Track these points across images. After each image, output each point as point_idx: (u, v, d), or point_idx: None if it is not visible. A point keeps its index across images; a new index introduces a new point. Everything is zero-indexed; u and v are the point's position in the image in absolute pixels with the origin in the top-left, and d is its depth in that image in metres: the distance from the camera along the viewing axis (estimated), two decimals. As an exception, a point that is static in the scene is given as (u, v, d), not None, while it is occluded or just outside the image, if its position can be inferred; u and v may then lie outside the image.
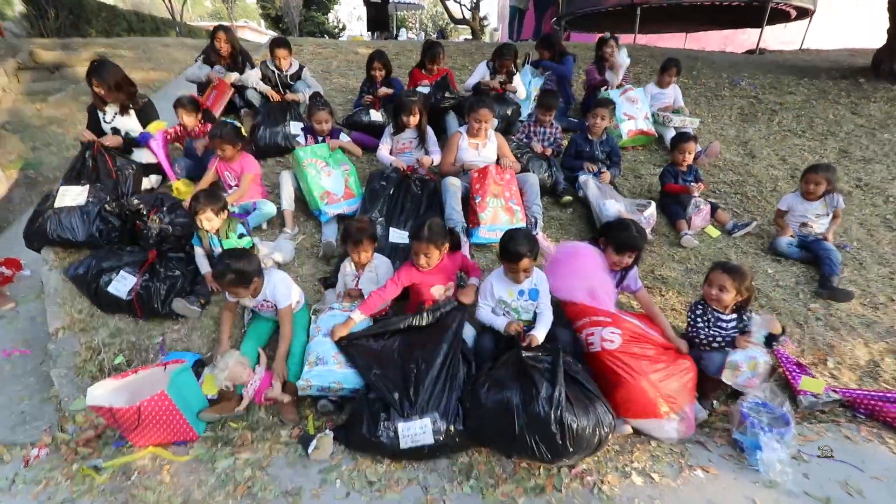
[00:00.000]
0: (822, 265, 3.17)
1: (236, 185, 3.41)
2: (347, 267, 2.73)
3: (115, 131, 3.60)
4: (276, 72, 4.50)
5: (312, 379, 2.27)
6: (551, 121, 4.14)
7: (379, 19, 9.27)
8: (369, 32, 9.90)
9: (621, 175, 4.33)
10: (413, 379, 2.10)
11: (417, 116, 3.52)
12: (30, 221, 3.08)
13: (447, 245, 2.54)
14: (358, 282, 2.68)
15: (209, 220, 2.71)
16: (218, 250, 2.75)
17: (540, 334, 2.29)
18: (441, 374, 2.13)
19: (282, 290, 2.55)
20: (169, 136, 3.72)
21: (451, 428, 2.01)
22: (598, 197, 3.54)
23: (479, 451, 2.12)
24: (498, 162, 3.53)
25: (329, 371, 2.28)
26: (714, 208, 3.73)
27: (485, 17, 30.04)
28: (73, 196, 3.12)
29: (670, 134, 4.58)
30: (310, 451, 2.12)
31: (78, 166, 3.35)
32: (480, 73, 4.69)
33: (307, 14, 21.55)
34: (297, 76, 4.56)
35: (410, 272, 2.51)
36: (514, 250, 2.29)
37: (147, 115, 3.71)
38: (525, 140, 4.11)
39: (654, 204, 3.49)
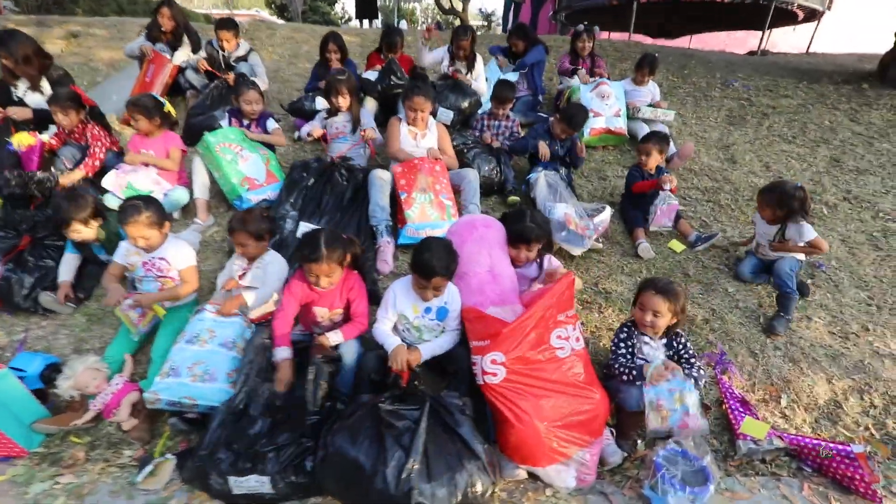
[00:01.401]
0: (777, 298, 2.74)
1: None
2: (237, 258, 2.42)
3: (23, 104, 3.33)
4: (221, 52, 4.20)
5: (161, 392, 1.95)
6: (507, 113, 3.79)
7: (367, 6, 8.93)
8: (358, 20, 9.58)
9: (584, 176, 3.98)
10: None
11: (347, 98, 3.20)
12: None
13: (348, 256, 2.12)
14: (244, 276, 2.36)
15: (78, 233, 2.41)
16: (104, 257, 2.49)
17: (425, 351, 1.99)
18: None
19: (184, 251, 2.33)
20: (45, 149, 3.18)
21: (294, 479, 1.68)
22: (547, 198, 3.18)
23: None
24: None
25: (181, 384, 1.96)
26: (677, 217, 3.35)
27: (492, 14, 29.64)
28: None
29: (643, 130, 4.20)
30: (139, 477, 1.81)
31: (-26, 141, 3.10)
32: (438, 54, 4.34)
33: (313, 3, 21.30)
34: (244, 59, 4.26)
35: (303, 288, 2.13)
36: (428, 265, 1.91)
37: (63, 87, 3.43)
38: (477, 134, 3.76)
39: (608, 209, 3.12)
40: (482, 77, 4.35)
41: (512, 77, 4.58)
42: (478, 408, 1.86)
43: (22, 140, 3.09)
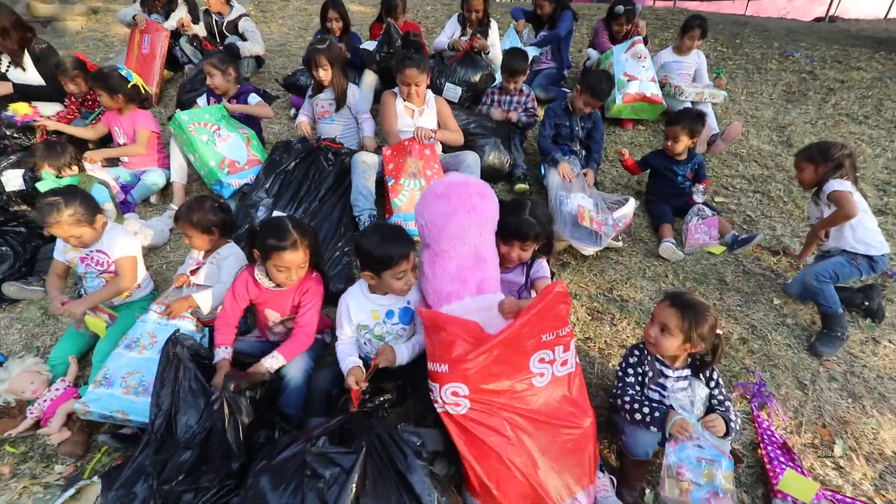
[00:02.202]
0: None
1: (123, 145, 2.90)
2: (194, 251, 2.15)
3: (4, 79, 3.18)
4: (214, 19, 3.94)
5: (91, 404, 1.72)
6: (521, 87, 3.33)
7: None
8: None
9: (608, 160, 3.48)
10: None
11: (328, 70, 2.83)
12: None
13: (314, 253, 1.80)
14: (197, 271, 2.09)
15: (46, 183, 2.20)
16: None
17: (404, 352, 1.69)
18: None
19: (119, 240, 2.06)
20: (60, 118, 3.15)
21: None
22: (560, 187, 2.75)
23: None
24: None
25: (112, 396, 1.73)
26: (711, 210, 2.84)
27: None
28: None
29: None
30: (57, 502, 1.60)
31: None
32: (451, 28, 3.91)
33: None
34: (234, 26, 3.97)
35: (250, 288, 1.83)
36: (383, 254, 1.58)
37: (46, 63, 3.25)
38: (485, 111, 3.34)
39: (632, 202, 2.65)
40: (497, 46, 3.89)
41: (532, 52, 4.08)
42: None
43: (18, 109, 2.98)
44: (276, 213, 2.52)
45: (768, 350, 2.17)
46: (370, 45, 3.63)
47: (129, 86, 2.74)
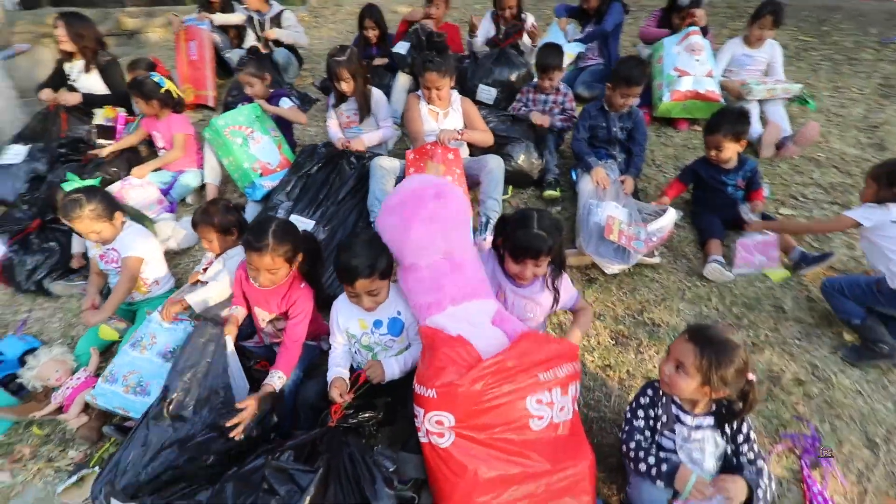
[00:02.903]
0: None
1: (164, 148, 3.07)
2: (208, 252, 2.21)
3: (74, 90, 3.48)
4: (256, 18, 4.08)
5: (98, 398, 1.81)
6: (556, 85, 3.11)
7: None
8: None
9: (654, 165, 3.17)
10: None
11: (351, 82, 2.78)
12: (-21, 176, 3.09)
13: (300, 256, 1.79)
14: (207, 270, 2.14)
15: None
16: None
17: (392, 367, 1.62)
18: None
19: (130, 239, 2.16)
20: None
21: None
22: (592, 195, 2.51)
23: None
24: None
25: (114, 394, 1.79)
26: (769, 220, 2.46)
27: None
28: (12, 155, 3.06)
29: (753, 111, 3.21)
30: (60, 487, 1.69)
31: (32, 125, 3.30)
32: (485, 27, 3.75)
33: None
34: (278, 20, 4.07)
35: (242, 279, 1.86)
36: (346, 266, 1.52)
37: (110, 75, 3.53)
38: (522, 111, 3.15)
39: (672, 212, 2.36)
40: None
41: (575, 49, 3.82)
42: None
43: (106, 113, 3.35)
44: (294, 217, 2.53)
45: (831, 396, 1.82)
46: (403, 48, 3.57)
47: (162, 91, 2.88)
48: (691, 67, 3.19)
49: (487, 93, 3.49)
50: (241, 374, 1.73)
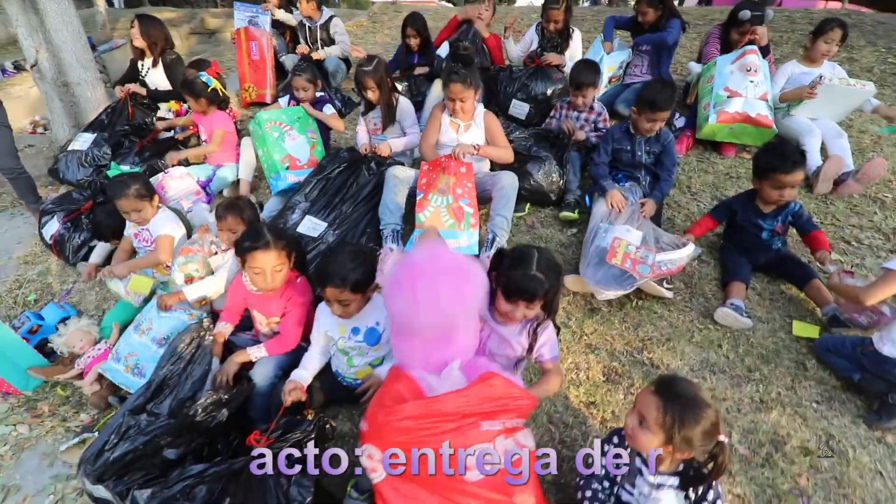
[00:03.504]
0: None
1: (205, 141, 3.31)
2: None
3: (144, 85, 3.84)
4: (307, 25, 4.28)
5: (108, 371, 2.00)
6: (591, 103, 3.00)
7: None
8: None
9: (689, 192, 2.96)
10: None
11: (376, 91, 2.85)
12: (54, 159, 3.50)
13: (293, 256, 1.87)
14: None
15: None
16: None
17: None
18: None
19: (163, 222, 2.38)
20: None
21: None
22: (604, 217, 2.40)
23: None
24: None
25: (117, 371, 1.98)
26: (808, 275, 2.22)
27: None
28: (81, 142, 3.43)
29: (810, 142, 2.91)
30: (62, 447, 1.87)
31: (102, 116, 3.69)
32: (528, 39, 3.70)
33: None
34: (326, 27, 4.25)
35: (239, 288, 1.96)
36: (321, 269, 1.60)
37: (174, 72, 3.86)
38: (554, 126, 3.07)
39: (692, 247, 2.18)
40: (579, 56, 3.57)
41: (619, 57, 3.66)
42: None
43: (171, 106, 3.71)
44: (308, 218, 2.64)
45: (843, 473, 1.61)
46: (445, 50, 3.60)
47: (210, 90, 3.11)
48: (744, 88, 2.94)
49: (520, 108, 3.45)
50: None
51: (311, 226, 2.60)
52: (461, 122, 2.74)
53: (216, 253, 2.26)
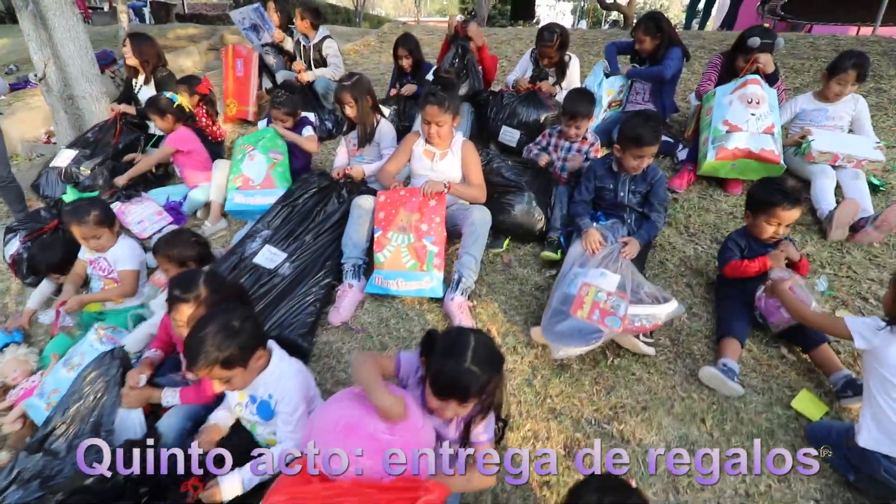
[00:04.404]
0: None
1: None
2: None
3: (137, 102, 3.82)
4: (301, 44, 4.22)
5: (29, 409, 1.87)
6: (583, 133, 2.79)
7: (523, 5, 8.25)
8: (511, 22, 8.96)
9: (687, 232, 2.70)
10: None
11: (354, 107, 2.72)
12: (38, 174, 3.49)
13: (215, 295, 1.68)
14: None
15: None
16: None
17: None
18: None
19: (125, 253, 2.29)
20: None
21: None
22: (579, 259, 2.14)
23: None
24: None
25: (38, 408, 1.84)
26: (813, 341, 1.92)
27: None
28: (62, 158, 3.40)
29: (823, 183, 2.63)
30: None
31: (88, 133, 3.66)
32: (523, 65, 3.53)
33: (502, 7, 21.41)
34: (320, 46, 4.18)
35: (168, 330, 1.81)
36: (186, 349, 1.38)
37: (165, 89, 3.82)
38: (535, 154, 2.87)
39: (674, 304, 1.89)
40: (576, 84, 3.37)
41: (620, 81, 3.44)
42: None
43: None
44: (267, 247, 2.48)
45: None
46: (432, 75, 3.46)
47: (175, 106, 3.04)
48: (744, 122, 2.67)
49: (510, 135, 3.27)
50: (139, 416, 1.66)
51: (269, 256, 2.44)
52: (437, 150, 2.57)
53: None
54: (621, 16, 10.72)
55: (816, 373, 1.92)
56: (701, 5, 7.85)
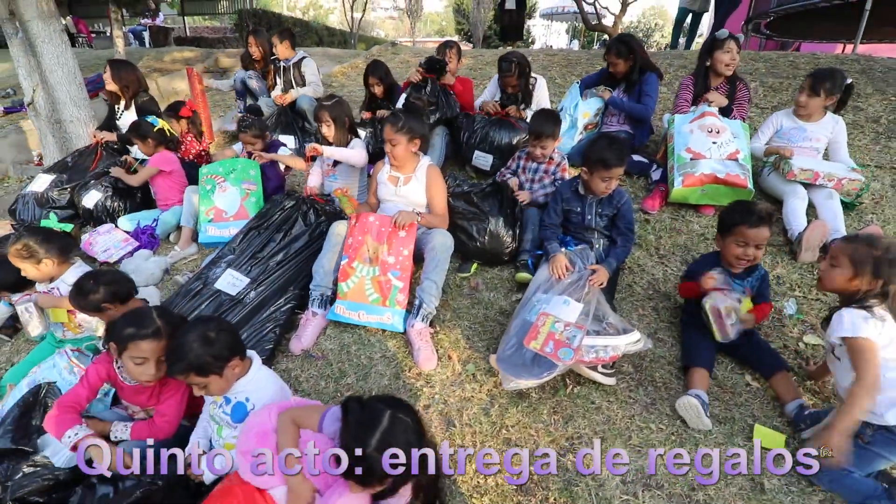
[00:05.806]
0: None
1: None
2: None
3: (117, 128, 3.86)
4: (282, 65, 4.29)
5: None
6: (549, 153, 2.79)
7: (513, 27, 8.40)
8: (502, 42, 9.12)
9: (657, 254, 2.67)
10: None
11: (331, 127, 2.75)
12: (15, 199, 3.51)
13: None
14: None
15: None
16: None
17: None
18: None
19: (74, 278, 2.18)
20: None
21: None
22: (542, 286, 2.12)
23: None
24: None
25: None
26: (777, 364, 1.89)
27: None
28: (39, 183, 3.42)
29: (795, 203, 2.61)
30: None
31: (67, 158, 3.69)
32: (491, 90, 3.58)
33: (497, 28, 21.78)
34: (298, 67, 4.24)
35: (105, 375, 1.70)
36: (167, 351, 1.46)
37: (146, 112, 3.87)
38: (507, 177, 2.87)
39: (637, 336, 1.84)
40: (545, 105, 3.39)
41: (596, 104, 3.44)
42: None
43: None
44: (230, 272, 2.46)
45: None
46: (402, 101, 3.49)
47: (155, 129, 3.07)
48: (706, 150, 2.68)
49: (484, 159, 3.28)
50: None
51: (231, 281, 2.42)
52: (400, 175, 2.56)
53: None
54: (606, 36, 10.90)
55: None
56: (687, 24, 7.96)
